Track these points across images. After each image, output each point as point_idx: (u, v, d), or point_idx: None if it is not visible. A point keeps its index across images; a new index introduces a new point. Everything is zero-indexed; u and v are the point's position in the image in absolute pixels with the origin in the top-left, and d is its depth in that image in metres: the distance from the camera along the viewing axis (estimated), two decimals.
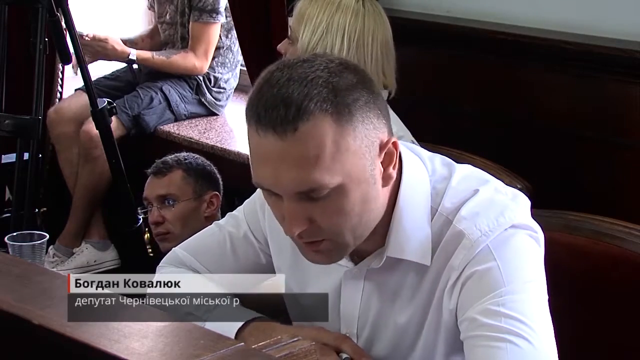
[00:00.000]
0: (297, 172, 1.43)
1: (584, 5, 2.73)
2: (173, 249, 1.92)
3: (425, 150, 1.66)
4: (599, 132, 2.65)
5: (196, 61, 3.99)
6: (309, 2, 2.49)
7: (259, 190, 1.72)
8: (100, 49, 3.90)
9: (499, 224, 1.53)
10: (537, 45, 2.74)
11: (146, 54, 4.00)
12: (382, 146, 1.48)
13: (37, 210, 3.47)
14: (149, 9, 4.31)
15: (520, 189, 1.65)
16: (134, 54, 3.97)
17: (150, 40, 4.23)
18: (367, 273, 1.62)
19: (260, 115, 1.42)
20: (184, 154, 3.17)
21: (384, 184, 1.51)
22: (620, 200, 2.62)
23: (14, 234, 2.07)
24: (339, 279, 1.66)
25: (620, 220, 1.95)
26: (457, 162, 1.66)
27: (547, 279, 1.55)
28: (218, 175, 3.17)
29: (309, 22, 2.47)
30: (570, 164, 2.73)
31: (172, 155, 3.14)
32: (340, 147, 1.43)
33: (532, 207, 1.60)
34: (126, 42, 4.09)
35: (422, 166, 1.60)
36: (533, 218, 1.58)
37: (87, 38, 3.84)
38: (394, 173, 1.52)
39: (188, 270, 1.86)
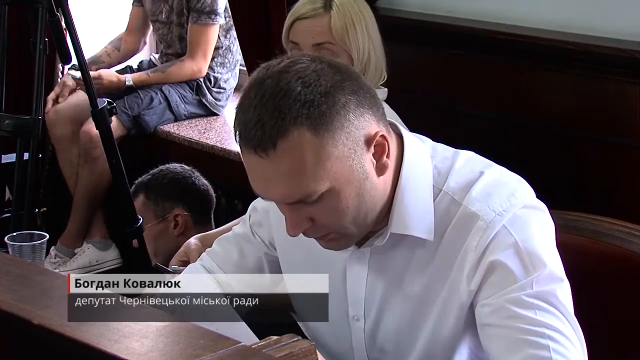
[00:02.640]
0: (282, 186, 1.48)
1: (584, 5, 2.73)
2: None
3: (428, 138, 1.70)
4: (599, 132, 2.65)
5: (194, 65, 4.00)
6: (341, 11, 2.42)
7: None
8: (97, 87, 3.88)
9: (511, 204, 1.56)
10: (537, 45, 2.74)
11: (141, 76, 4.02)
12: (369, 141, 1.51)
13: (37, 210, 3.47)
14: (134, 5, 4.28)
15: None
16: (129, 79, 3.98)
17: (118, 52, 4.22)
18: (371, 254, 1.65)
19: (241, 135, 1.48)
20: (154, 170, 3.17)
21: (380, 173, 1.54)
22: (620, 200, 2.62)
23: (14, 234, 2.07)
24: (344, 262, 1.68)
25: (620, 220, 1.95)
26: None
27: None
28: (191, 186, 3.14)
29: (357, 24, 2.42)
30: (570, 164, 2.73)
31: (143, 176, 3.14)
32: (322, 156, 1.47)
33: None
34: (92, 61, 4.07)
35: (423, 146, 1.64)
36: None
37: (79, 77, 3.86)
38: (388, 161, 1.55)
39: (204, 271, 1.92)
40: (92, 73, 3.81)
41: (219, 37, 4.07)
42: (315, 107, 1.45)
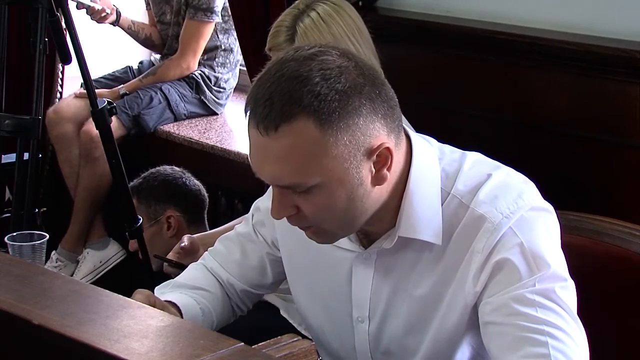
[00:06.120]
0: (275, 168, 1.49)
1: (584, 5, 2.73)
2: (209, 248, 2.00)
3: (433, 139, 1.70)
4: (599, 132, 2.65)
5: (183, 63, 4.01)
6: (306, 34, 2.38)
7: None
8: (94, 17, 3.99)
9: (518, 207, 1.56)
10: (537, 45, 2.74)
11: (134, 83, 4.04)
12: (372, 150, 1.50)
13: (37, 210, 3.47)
14: (147, 8, 4.31)
15: None
16: (123, 89, 4.00)
17: (156, 29, 4.23)
18: (377, 256, 1.65)
19: (250, 108, 1.49)
20: (145, 174, 3.18)
21: (376, 184, 1.54)
22: (620, 200, 2.62)
23: (14, 234, 2.07)
24: (350, 263, 1.68)
25: (620, 220, 1.95)
26: None
27: None
28: (182, 187, 3.14)
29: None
30: (570, 164, 2.73)
31: (135, 180, 3.14)
32: (319, 152, 1.47)
33: None
34: (131, 27, 4.13)
35: (430, 149, 1.63)
36: None
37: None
38: (387, 174, 1.54)
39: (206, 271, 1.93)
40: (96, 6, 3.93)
41: (218, 36, 4.07)
42: (327, 102, 1.45)
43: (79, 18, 3.71)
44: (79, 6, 3.92)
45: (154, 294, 1.77)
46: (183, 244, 2.52)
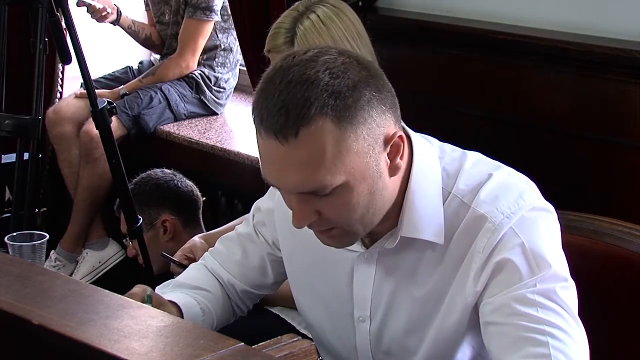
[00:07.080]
0: (299, 174, 1.47)
1: (584, 5, 2.73)
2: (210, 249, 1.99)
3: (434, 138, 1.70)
4: (599, 132, 2.65)
5: (182, 62, 4.01)
6: (305, 38, 2.36)
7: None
8: (95, 15, 4.01)
9: (519, 207, 1.57)
10: (537, 45, 2.74)
11: (134, 83, 4.04)
12: (387, 140, 1.51)
13: (37, 210, 3.47)
14: (146, 9, 4.32)
15: None
16: (123, 89, 4.00)
17: (156, 29, 4.23)
18: (379, 255, 1.65)
19: (262, 119, 1.46)
20: (136, 179, 3.17)
21: (392, 174, 1.54)
22: (620, 200, 2.62)
23: (14, 234, 2.07)
24: (352, 263, 1.68)
25: (620, 220, 1.95)
26: None
27: None
28: (174, 189, 3.13)
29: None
30: (570, 164, 2.73)
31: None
32: (342, 149, 1.46)
33: None
34: (131, 27, 4.13)
35: (431, 148, 1.64)
36: None
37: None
38: (401, 163, 1.55)
39: (206, 271, 1.93)
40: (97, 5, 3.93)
41: (217, 36, 4.07)
42: (341, 99, 1.45)
43: (79, 18, 3.71)
44: (80, 3, 3.92)
45: (153, 290, 1.77)
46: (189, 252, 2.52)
